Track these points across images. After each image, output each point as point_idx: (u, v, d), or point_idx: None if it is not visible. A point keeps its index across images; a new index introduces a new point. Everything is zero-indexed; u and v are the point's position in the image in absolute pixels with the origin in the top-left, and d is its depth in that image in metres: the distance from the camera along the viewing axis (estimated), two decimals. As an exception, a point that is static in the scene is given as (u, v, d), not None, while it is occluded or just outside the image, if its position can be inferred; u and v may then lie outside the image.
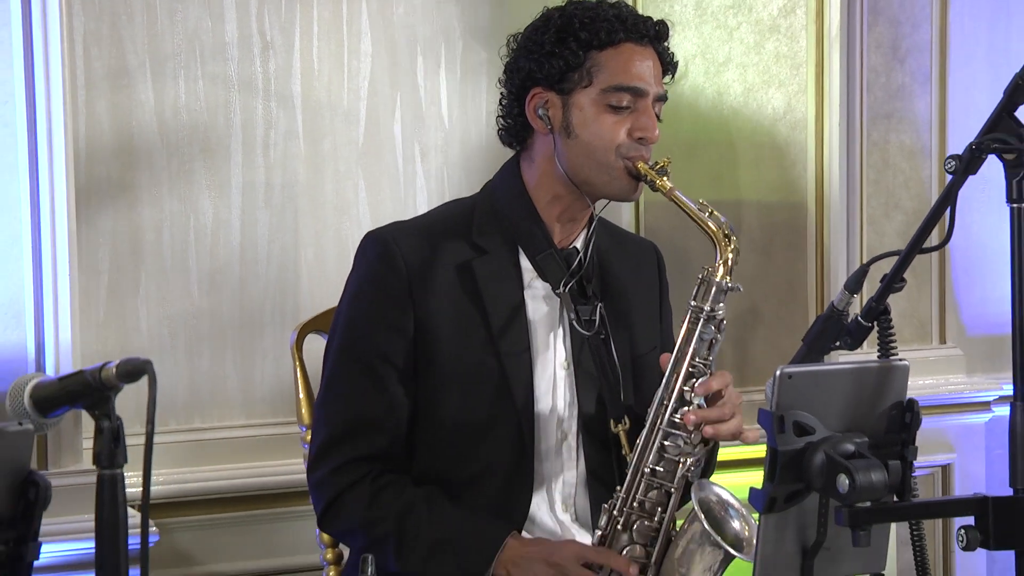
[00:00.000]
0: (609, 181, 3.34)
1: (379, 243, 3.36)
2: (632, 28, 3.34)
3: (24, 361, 3.59)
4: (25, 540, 2.36)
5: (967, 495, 3.06)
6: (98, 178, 3.91)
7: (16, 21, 3.55)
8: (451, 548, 3.30)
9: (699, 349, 3.26)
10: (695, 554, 3.19)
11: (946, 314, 4.73)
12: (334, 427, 3.35)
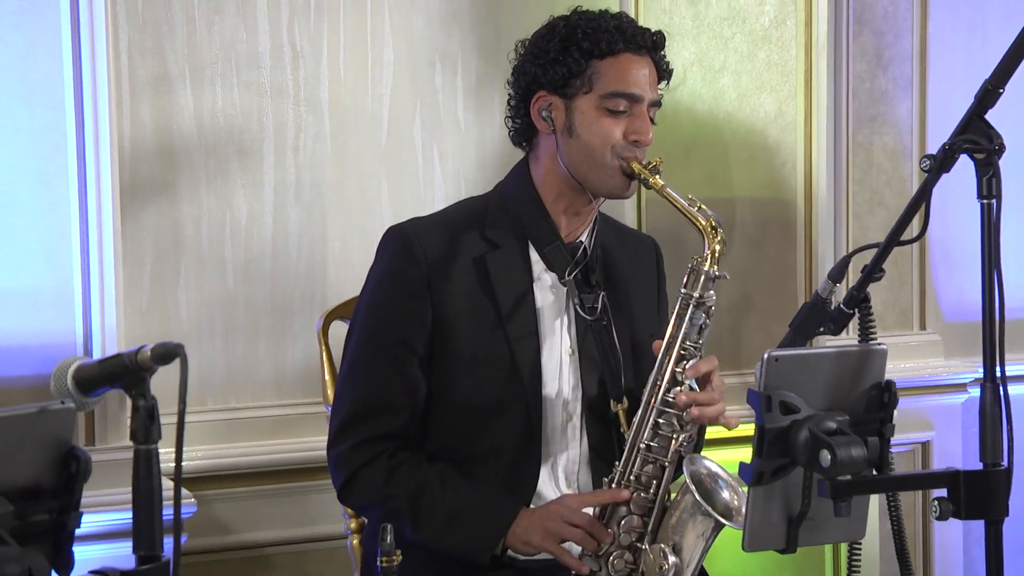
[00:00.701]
0: (605, 179, 3.36)
1: (401, 237, 3.38)
2: (631, 39, 3.36)
3: (73, 345, 3.59)
4: (67, 510, 2.36)
5: (940, 469, 3.06)
6: (141, 177, 3.91)
7: (66, 32, 3.54)
8: (463, 522, 3.30)
9: (689, 333, 3.28)
10: (688, 523, 3.19)
11: (926, 302, 4.71)
12: (354, 406, 3.36)
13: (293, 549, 4.08)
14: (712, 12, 4.40)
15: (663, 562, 3.18)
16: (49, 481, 2.35)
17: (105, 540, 3.33)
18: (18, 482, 2.31)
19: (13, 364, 3.55)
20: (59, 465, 2.36)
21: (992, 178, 3.06)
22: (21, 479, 2.31)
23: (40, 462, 2.34)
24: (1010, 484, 3.05)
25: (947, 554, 4.77)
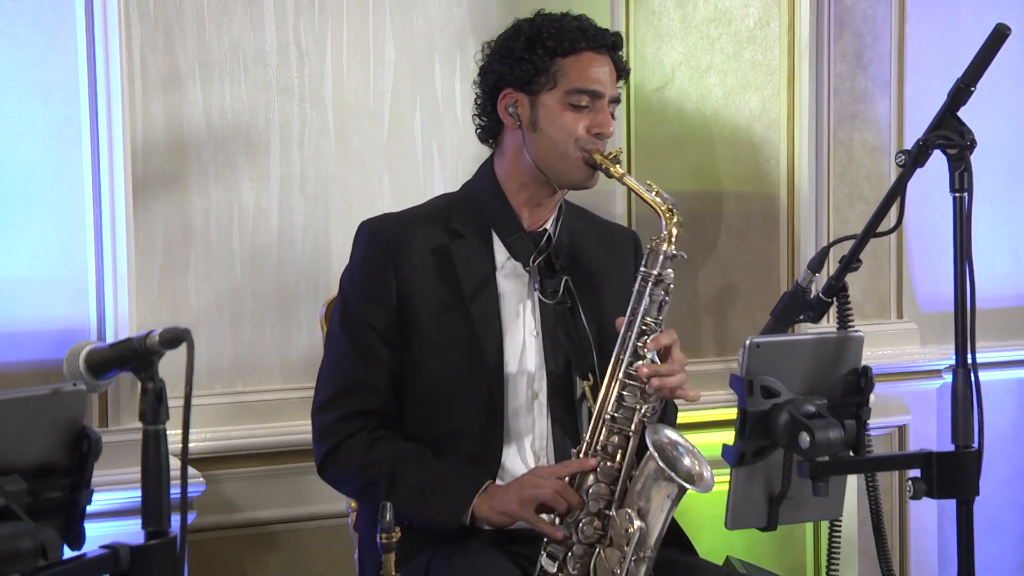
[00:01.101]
0: (569, 170, 3.40)
1: (369, 230, 3.46)
2: (592, 38, 3.42)
3: (86, 331, 3.59)
4: (79, 487, 2.36)
5: (914, 451, 3.07)
6: (153, 170, 3.91)
7: (80, 32, 3.54)
8: (433, 493, 3.33)
9: (650, 309, 3.30)
10: (652, 489, 3.20)
11: (903, 292, 4.72)
12: (335, 385, 3.42)
13: (296, 527, 4.08)
14: (699, 14, 4.40)
15: (629, 526, 3.19)
16: (61, 460, 2.35)
17: (116, 517, 3.33)
18: (32, 460, 2.31)
19: (29, 348, 3.55)
20: (71, 444, 2.36)
21: (964, 172, 3.06)
22: (34, 457, 2.31)
23: (53, 441, 2.34)
24: (980, 465, 3.06)
25: (922, 532, 4.77)
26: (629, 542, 3.19)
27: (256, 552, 4.03)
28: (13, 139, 3.52)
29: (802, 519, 3.14)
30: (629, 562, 3.19)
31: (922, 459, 3.03)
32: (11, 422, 2.30)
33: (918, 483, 3.02)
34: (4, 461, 2.27)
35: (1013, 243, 4.61)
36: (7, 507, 2.22)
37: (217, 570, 3.97)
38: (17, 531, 2.18)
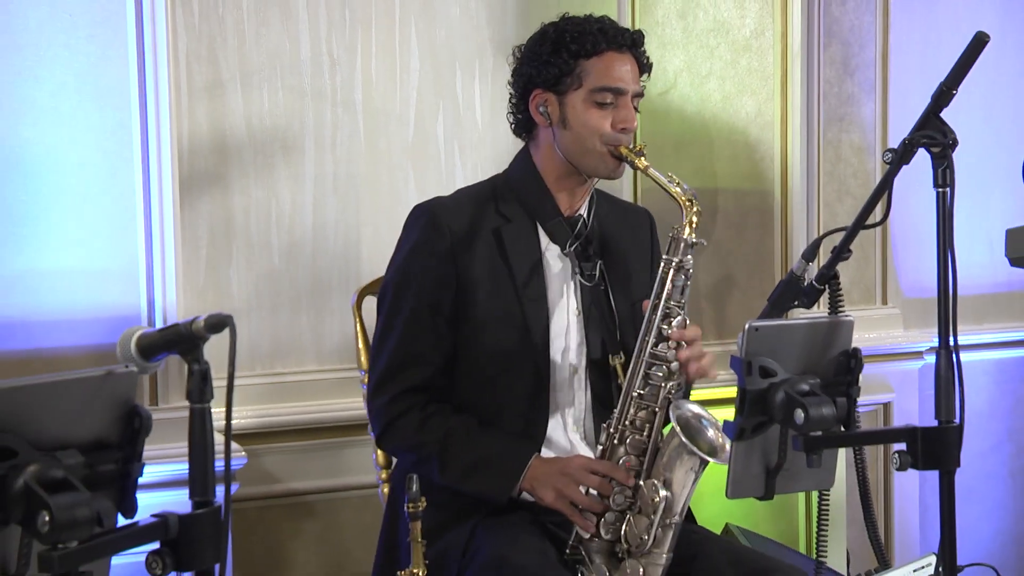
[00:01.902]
0: (597, 163, 3.38)
1: (428, 214, 3.41)
2: (613, 39, 3.38)
3: (137, 318, 3.58)
4: (131, 460, 2.35)
5: (900, 426, 3.05)
6: (198, 170, 3.90)
7: (131, 44, 3.53)
8: (484, 468, 3.31)
9: (672, 293, 3.29)
10: (676, 461, 3.19)
11: (887, 280, 4.70)
12: (389, 361, 3.37)
13: (330, 497, 4.07)
14: (699, 24, 4.38)
15: (655, 495, 3.18)
16: (115, 435, 2.34)
17: (165, 488, 3.31)
18: (88, 436, 2.30)
19: (85, 333, 3.54)
20: (124, 421, 2.34)
21: (946, 169, 3.04)
22: (91, 433, 2.30)
23: (107, 419, 2.33)
24: (961, 439, 3.04)
25: (905, 501, 4.76)
26: (656, 510, 3.18)
27: (293, 520, 4.02)
28: (70, 141, 3.50)
29: (796, 489, 3.13)
30: (656, 528, 3.19)
31: (908, 433, 3.00)
32: (69, 401, 2.29)
33: (904, 456, 3.00)
34: (63, 436, 2.26)
35: (989, 235, 4.59)
36: (66, 479, 2.20)
37: (258, 536, 3.96)
38: (75, 501, 2.17)
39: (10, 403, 2.21)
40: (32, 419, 2.23)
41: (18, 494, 2.18)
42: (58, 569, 2.15)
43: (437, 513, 3.16)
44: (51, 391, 2.28)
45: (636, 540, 3.20)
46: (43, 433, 2.23)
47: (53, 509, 2.14)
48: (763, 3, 4.45)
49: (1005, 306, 4.94)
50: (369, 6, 4.03)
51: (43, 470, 2.19)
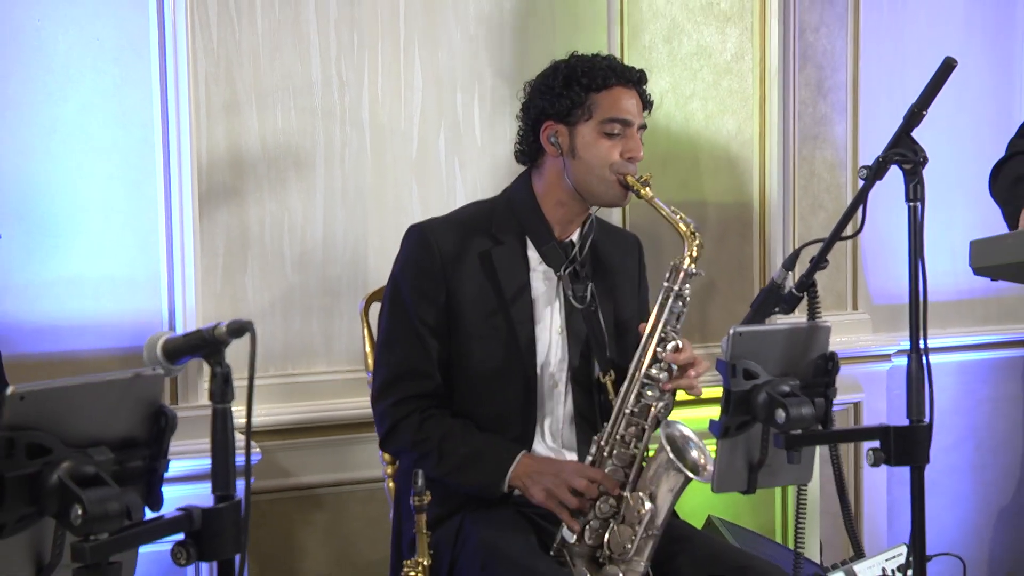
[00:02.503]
0: (606, 191, 3.38)
1: (420, 234, 3.41)
2: (620, 75, 3.40)
3: (159, 323, 3.58)
4: (157, 457, 2.34)
5: (874, 425, 3.04)
6: (215, 184, 3.88)
7: (154, 66, 3.53)
8: (476, 461, 3.32)
9: (669, 320, 3.29)
10: (662, 476, 3.20)
11: (858, 287, 4.70)
12: (390, 371, 3.38)
13: (338, 490, 4.05)
14: (684, 49, 4.38)
15: (640, 507, 3.19)
16: (142, 434, 2.33)
17: (184, 482, 3.31)
18: (117, 434, 2.29)
19: (111, 337, 3.54)
20: (151, 421, 2.34)
21: (917, 184, 3.04)
22: (120, 432, 2.30)
23: (135, 418, 2.32)
24: (931, 437, 3.03)
25: (873, 495, 4.75)
26: (640, 521, 3.18)
27: (304, 512, 4.01)
28: (97, 157, 3.51)
29: (777, 483, 3.12)
30: (639, 538, 3.19)
31: (881, 432, 3.01)
32: (100, 401, 2.28)
33: (877, 452, 3.00)
34: (94, 435, 2.26)
35: (952, 246, 4.58)
36: (97, 474, 2.20)
37: (270, 527, 3.95)
38: (106, 495, 2.16)
39: (45, 403, 2.20)
40: (65, 418, 2.22)
41: (53, 489, 2.17)
42: (90, 559, 2.14)
43: (432, 507, 3.17)
44: (83, 392, 2.27)
45: (619, 548, 3.20)
46: (75, 431, 2.23)
47: (86, 503, 2.14)
48: (743, 29, 4.44)
49: (967, 312, 4.95)
50: (376, 31, 4.03)
51: (76, 466, 2.19)
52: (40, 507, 2.19)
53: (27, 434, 2.17)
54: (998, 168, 4.08)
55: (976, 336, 4.97)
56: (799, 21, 4.48)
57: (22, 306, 3.45)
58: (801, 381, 2.96)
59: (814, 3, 4.49)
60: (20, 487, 2.17)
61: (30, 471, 2.17)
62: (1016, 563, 5.03)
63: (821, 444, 3.18)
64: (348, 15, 3.99)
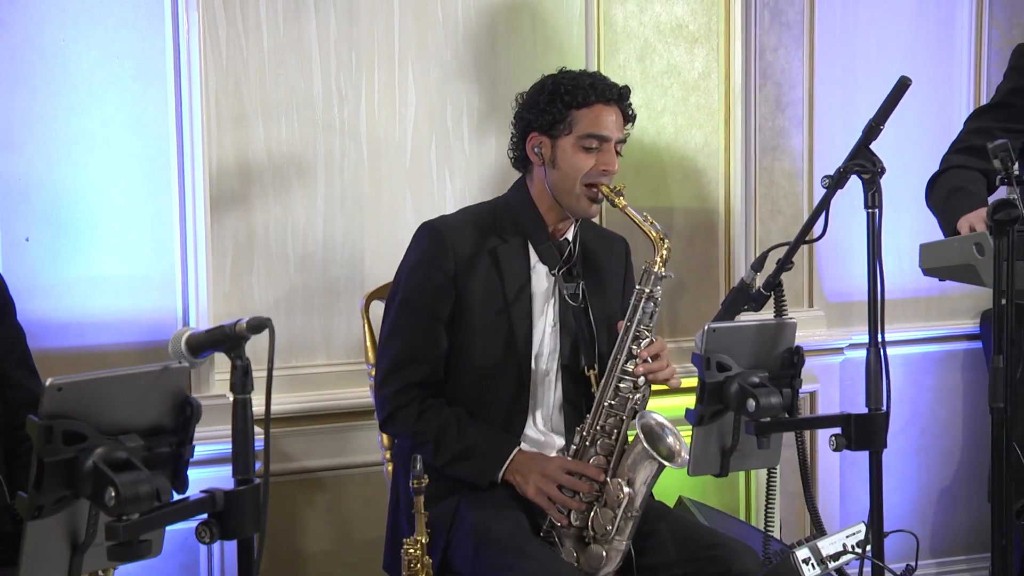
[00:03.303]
0: (573, 202, 3.40)
1: (435, 232, 3.40)
2: (601, 93, 3.40)
3: (174, 319, 3.59)
4: (183, 443, 2.35)
5: (836, 413, 3.06)
6: (225, 191, 3.87)
7: (169, 81, 3.54)
8: (471, 456, 3.33)
9: (642, 319, 3.31)
10: (639, 464, 3.22)
11: (813, 286, 4.70)
12: (394, 358, 3.38)
13: (338, 473, 4.04)
14: (655, 67, 4.38)
15: (620, 492, 3.22)
16: (170, 422, 2.34)
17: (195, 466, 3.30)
18: (146, 422, 2.30)
19: (129, 332, 3.55)
20: (177, 410, 2.35)
21: (875, 193, 3.07)
22: (148, 420, 2.30)
23: (163, 407, 2.33)
24: (888, 424, 3.06)
25: (828, 477, 4.76)
26: (620, 505, 3.20)
27: (306, 493, 4.00)
28: (117, 165, 3.51)
29: (748, 467, 3.15)
30: (619, 520, 3.20)
31: (843, 420, 3.03)
32: (130, 392, 2.29)
33: (839, 438, 3.02)
34: (125, 423, 2.26)
35: (897, 248, 4.59)
36: (128, 460, 2.21)
37: (275, 508, 3.93)
38: (138, 479, 2.17)
39: (80, 394, 2.21)
40: (99, 408, 2.23)
41: (88, 473, 2.18)
42: (123, 537, 2.15)
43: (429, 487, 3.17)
44: (115, 384, 2.28)
45: (602, 529, 3.22)
46: (108, 420, 2.24)
47: (119, 486, 2.14)
48: (709, 49, 4.45)
49: (911, 310, 4.96)
50: (373, 50, 4.02)
51: (109, 452, 2.20)
52: (76, 490, 2.20)
53: (64, 422, 2.17)
54: (933, 181, 4.12)
55: (920, 331, 4.98)
56: (759, 42, 4.48)
57: (48, 304, 3.45)
58: (770, 373, 2.98)
59: (773, 25, 4.50)
60: (58, 471, 2.18)
61: (67, 456, 2.18)
62: (956, 540, 5.06)
63: (788, 431, 3.21)
64: (347, 35, 3.98)
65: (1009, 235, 3.07)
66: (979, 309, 5.01)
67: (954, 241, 3.54)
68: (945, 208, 3.88)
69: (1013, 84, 4.09)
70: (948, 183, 3.98)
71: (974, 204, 3.73)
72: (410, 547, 3.06)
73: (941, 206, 3.94)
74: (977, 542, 5.03)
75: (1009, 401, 3.09)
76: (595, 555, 3.22)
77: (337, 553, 4.04)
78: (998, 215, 3.06)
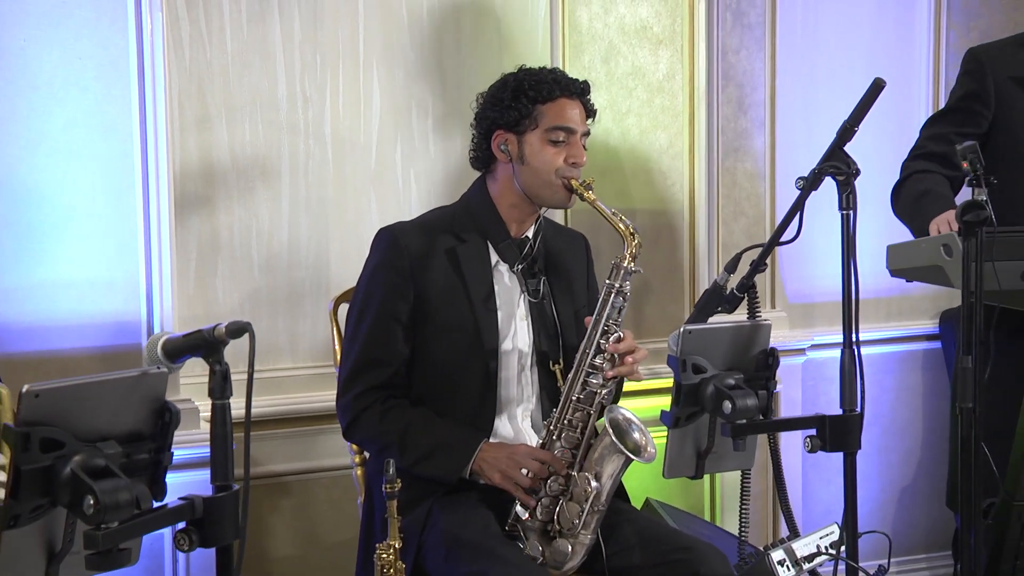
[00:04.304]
0: (552, 194, 3.37)
1: (390, 235, 3.39)
2: (565, 87, 3.40)
3: (138, 323, 3.53)
4: (162, 450, 2.32)
5: (812, 414, 3.06)
6: (188, 193, 3.83)
7: (133, 83, 3.48)
8: (439, 453, 3.30)
9: (611, 314, 3.29)
10: (606, 457, 3.20)
11: (775, 288, 4.71)
12: (355, 362, 3.36)
13: (304, 477, 4.00)
14: (620, 69, 4.38)
15: (587, 486, 3.20)
16: (148, 428, 2.31)
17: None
18: (125, 429, 2.27)
19: (92, 337, 3.49)
20: (156, 416, 2.32)
21: (850, 194, 3.07)
22: (127, 426, 2.27)
23: (141, 413, 2.30)
24: (862, 425, 3.06)
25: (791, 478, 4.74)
26: (587, 499, 3.19)
27: (272, 498, 3.96)
28: (80, 169, 3.45)
29: (723, 469, 3.14)
30: (586, 514, 3.19)
31: (818, 421, 3.03)
32: (108, 398, 2.26)
33: (815, 440, 3.03)
34: (103, 430, 2.23)
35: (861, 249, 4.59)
36: (107, 467, 2.17)
37: (240, 513, 3.89)
38: (117, 486, 2.14)
39: (58, 401, 2.18)
40: (76, 414, 2.20)
41: (65, 480, 2.15)
42: (102, 545, 2.12)
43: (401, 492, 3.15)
44: (93, 390, 2.25)
45: (568, 523, 3.21)
46: (86, 426, 2.21)
47: (98, 493, 2.11)
48: (674, 51, 4.45)
49: (871, 311, 4.97)
50: (337, 51, 3.99)
51: (87, 459, 2.17)
52: (54, 498, 2.16)
53: (41, 429, 2.14)
54: (898, 188, 4.14)
55: (880, 332, 5.00)
56: (721, 44, 4.48)
57: (11, 308, 3.39)
58: (745, 375, 2.98)
59: (735, 27, 4.50)
60: (35, 479, 2.14)
61: (44, 464, 2.14)
62: (917, 539, 5.08)
63: (764, 432, 3.21)
64: (311, 36, 3.95)
65: (978, 236, 3.07)
66: (938, 309, 5.03)
67: (922, 242, 3.56)
68: (915, 212, 3.90)
69: (965, 89, 4.15)
70: (915, 187, 4.01)
71: (944, 206, 3.75)
72: (383, 552, 3.03)
73: (910, 210, 3.97)
74: (937, 541, 5.05)
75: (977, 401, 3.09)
76: (560, 549, 3.22)
77: (304, 558, 4.00)
78: (967, 216, 3.07)
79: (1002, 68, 4.07)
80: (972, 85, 4.11)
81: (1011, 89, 4.01)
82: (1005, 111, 4.03)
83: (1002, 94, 4.04)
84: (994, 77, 4.06)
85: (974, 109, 4.08)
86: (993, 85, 4.05)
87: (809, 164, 3.32)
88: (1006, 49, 4.13)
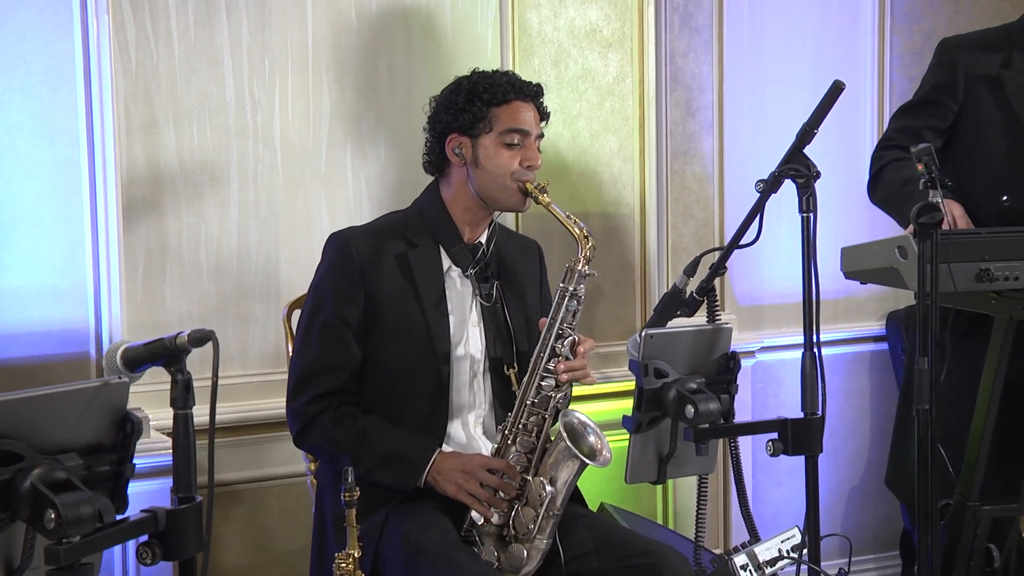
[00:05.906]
0: (507, 197, 3.36)
1: (340, 240, 3.36)
2: (519, 89, 3.39)
3: (86, 330, 3.49)
4: (124, 462, 2.27)
5: (773, 418, 3.04)
6: (136, 199, 3.77)
7: (79, 86, 3.44)
8: (393, 461, 3.27)
9: (565, 317, 3.28)
10: (561, 462, 3.19)
11: (725, 291, 4.71)
12: (305, 368, 3.32)
13: (255, 486, 3.96)
14: (570, 72, 4.36)
15: (542, 491, 3.18)
16: (109, 439, 2.26)
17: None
18: (85, 440, 2.22)
19: (40, 345, 3.44)
20: (117, 427, 2.26)
21: (810, 197, 3.06)
22: (88, 438, 2.22)
23: (102, 424, 2.25)
24: (823, 428, 3.05)
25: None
26: (542, 503, 3.17)
27: (223, 507, 3.91)
28: (26, 174, 3.40)
29: (684, 474, 3.12)
30: (541, 519, 3.17)
31: (780, 424, 3.02)
32: (68, 409, 2.20)
33: (776, 443, 3.01)
34: (63, 441, 2.18)
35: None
36: (68, 479, 2.12)
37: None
38: (79, 499, 2.09)
39: (15, 412, 2.12)
40: (35, 426, 2.14)
41: (25, 494, 2.10)
42: (64, 561, 2.07)
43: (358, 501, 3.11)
44: (52, 401, 2.19)
45: (523, 528, 3.19)
46: (45, 439, 2.15)
47: (60, 507, 2.06)
48: (623, 54, 4.44)
49: (829, 312, 4.98)
50: (286, 55, 3.94)
51: (47, 472, 2.11)
52: (12, 512, 2.10)
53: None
54: (875, 177, 4.12)
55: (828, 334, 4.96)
56: (669, 47, 4.48)
57: (-44, 317, 3.33)
58: (707, 379, 2.96)
59: (683, 30, 4.50)
60: (-7, 494, 2.07)
61: (3, 478, 2.09)
62: (865, 539, 5.09)
63: (727, 437, 3.19)
64: (260, 41, 3.90)
65: (933, 238, 3.07)
66: (885, 311, 5.05)
67: (876, 244, 3.55)
68: (900, 199, 3.88)
69: (936, 80, 4.13)
70: (896, 175, 4.00)
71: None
72: (342, 561, 2.99)
73: (894, 198, 3.95)
74: (885, 541, 5.07)
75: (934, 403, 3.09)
76: (516, 554, 3.20)
77: (255, 567, 3.95)
78: (922, 218, 3.07)
79: (973, 64, 4.06)
80: (942, 76, 4.10)
81: (979, 85, 4.02)
82: (972, 106, 4.04)
83: (970, 89, 4.04)
84: (964, 71, 4.05)
85: (942, 102, 4.07)
86: (963, 79, 4.05)
87: (757, 167, 3.32)
88: (978, 43, 4.12)
